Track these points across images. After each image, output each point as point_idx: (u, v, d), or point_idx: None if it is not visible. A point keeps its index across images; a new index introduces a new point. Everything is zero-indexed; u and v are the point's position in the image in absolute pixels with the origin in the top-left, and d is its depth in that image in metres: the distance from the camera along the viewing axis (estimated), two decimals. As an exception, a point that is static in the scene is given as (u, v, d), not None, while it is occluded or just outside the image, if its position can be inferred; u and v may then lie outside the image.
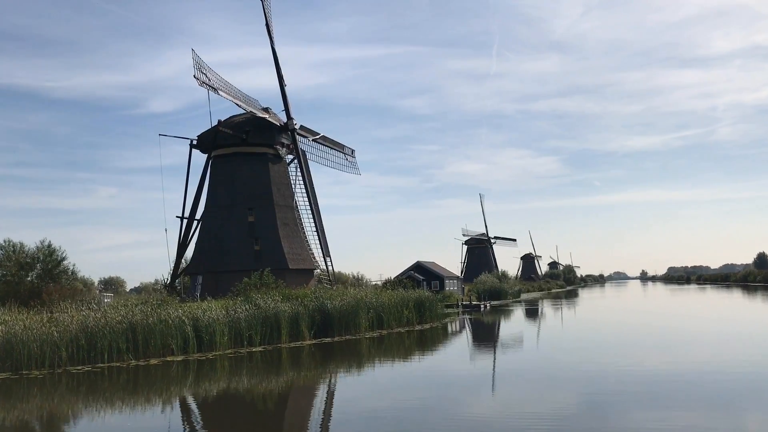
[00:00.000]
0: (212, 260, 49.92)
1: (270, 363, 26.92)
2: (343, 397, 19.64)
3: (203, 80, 43.29)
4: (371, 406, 17.18)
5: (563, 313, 59.25)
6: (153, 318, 28.18)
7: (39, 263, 38.20)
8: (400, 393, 19.09)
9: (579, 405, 16.31)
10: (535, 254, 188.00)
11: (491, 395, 18.69)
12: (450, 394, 18.71)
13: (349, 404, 17.96)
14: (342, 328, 35.35)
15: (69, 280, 37.90)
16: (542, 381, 20.36)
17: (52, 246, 38.68)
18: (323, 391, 21.10)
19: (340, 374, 24.16)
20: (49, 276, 37.64)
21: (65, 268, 38.81)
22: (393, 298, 40.26)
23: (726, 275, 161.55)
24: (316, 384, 22.35)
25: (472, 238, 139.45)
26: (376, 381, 22.28)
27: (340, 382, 22.79)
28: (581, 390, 18.24)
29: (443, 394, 18.58)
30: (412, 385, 20.81)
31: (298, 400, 19.74)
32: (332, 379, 23.27)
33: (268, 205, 51.55)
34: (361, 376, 23.38)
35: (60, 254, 38.42)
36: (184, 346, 28.52)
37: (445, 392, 18.95)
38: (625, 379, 19.62)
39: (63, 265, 38.79)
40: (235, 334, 30.60)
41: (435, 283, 72.07)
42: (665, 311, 57.24)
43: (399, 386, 20.59)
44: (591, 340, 33.40)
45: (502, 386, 20.21)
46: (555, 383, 19.73)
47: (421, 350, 30.74)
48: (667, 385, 18.09)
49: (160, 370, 25.38)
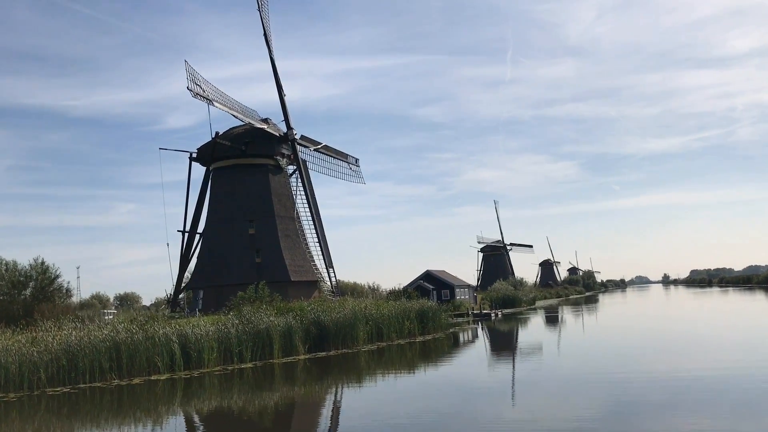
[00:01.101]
0: (213, 274, 49.24)
1: (262, 379, 26.01)
2: (346, 410, 19.00)
3: (197, 91, 42.71)
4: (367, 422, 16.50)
5: (576, 321, 57.58)
6: (138, 335, 27.35)
7: (33, 281, 37.64)
8: (398, 406, 18.52)
9: (598, 413, 15.81)
10: (553, 260, 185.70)
11: (506, 405, 17.57)
12: (454, 406, 17.84)
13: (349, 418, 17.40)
14: (339, 341, 34.26)
15: (63, 298, 37.23)
16: (559, 390, 19.59)
17: (45, 264, 38.20)
18: (321, 407, 20.15)
19: (335, 388, 23.24)
20: (43, 294, 37.03)
21: (59, 286, 38.21)
22: (394, 309, 39.10)
23: (748, 277, 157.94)
24: (313, 399, 21.47)
25: (488, 245, 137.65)
26: (374, 395, 21.51)
27: (336, 396, 21.88)
28: (602, 397, 17.69)
29: (445, 406, 17.92)
30: (412, 396, 20.23)
31: (296, 416, 19.07)
32: (330, 394, 22.33)
33: (269, 216, 50.80)
34: (357, 391, 22.47)
35: (54, 272, 37.91)
36: (170, 364, 27.64)
37: (448, 403, 18.39)
38: (649, 386, 19.11)
39: (57, 283, 38.20)
40: (225, 351, 29.66)
41: (445, 292, 70.74)
42: (685, 316, 55.47)
43: (396, 399, 19.98)
44: (604, 347, 32.09)
45: (504, 397, 19.08)
46: (574, 391, 19.03)
47: (420, 362, 29.53)
48: (691, 391, 17.87)
49: (145, 389, 24.59)
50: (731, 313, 55.84)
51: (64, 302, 36.94)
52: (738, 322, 44.87)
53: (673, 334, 37.30)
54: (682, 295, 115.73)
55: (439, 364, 28.86)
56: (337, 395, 22.17)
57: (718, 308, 65.80)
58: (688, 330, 39.84)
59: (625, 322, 52.64)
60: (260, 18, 52.14)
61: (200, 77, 44.32)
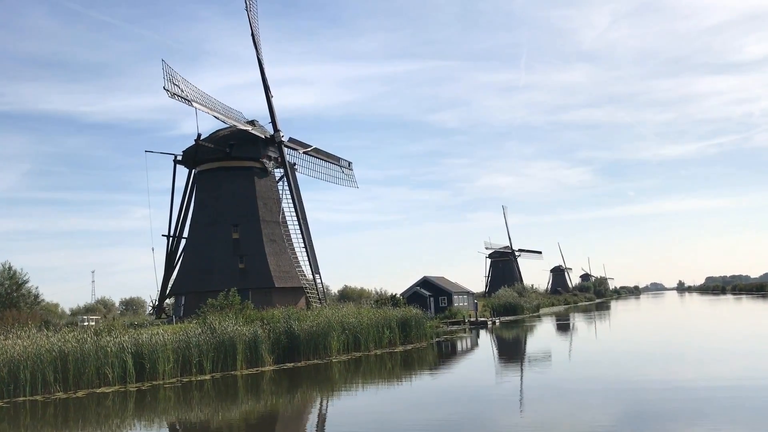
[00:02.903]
0: (196, 280, 47.82)
1: (221, 392, 24.50)
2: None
3: (174, 92, 41.34)
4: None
5: (576, 329, 55.49)
6: (88, 345, 25.94)
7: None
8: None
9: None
10: (564, 266, 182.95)
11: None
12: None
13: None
14: (310, 351, 32.65)
15: (30, 304, 35.97)
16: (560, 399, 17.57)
17: (12, 269, 36.97)
18: (278, 421, 18.54)
19: (291, 402, 21.54)
20: (9, 300, 35.81)
21: (27, 292, 36.96)
22: (373, 317, 37.39)
23: (761, 284, 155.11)
24: (271, 412, 19.83)
25: (496, 251, 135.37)
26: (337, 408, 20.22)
27: (285, 412, 20.21)
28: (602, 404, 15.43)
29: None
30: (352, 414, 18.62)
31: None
32: (287, 407, 20.66)
33: (253, 221, 49.36)
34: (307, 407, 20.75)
35: (21, 277, 36.64)
36: (122, 375, 26.21)
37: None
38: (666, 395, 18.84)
39: (25, 289, 36.96)
40: (184, 361, 28.17)
41: (443, 298, 68.89)
42: (695, 324, 53.33)
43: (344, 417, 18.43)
44: (610, 355, 30.21)
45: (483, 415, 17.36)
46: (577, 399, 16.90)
47: (389, 373, 27.83)
48: (710, 400, 17.64)
49: (93, 402, 23.21)
50: (744, 320, 53.76)
51: (31, 309, 35.60)
52: (752, 329, 43.10)
53: (683, 341, 36.14)
54: (694, 303, 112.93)
55: (406, 376, 27.13)
56: (288, 411, 20.55)
57: (730, 315, 63.51)
58: (698, 338, 38.46)
59: (630, 331, 50.54)
60: (248, 18, 51.02)
61: (179, 77, 43.02)
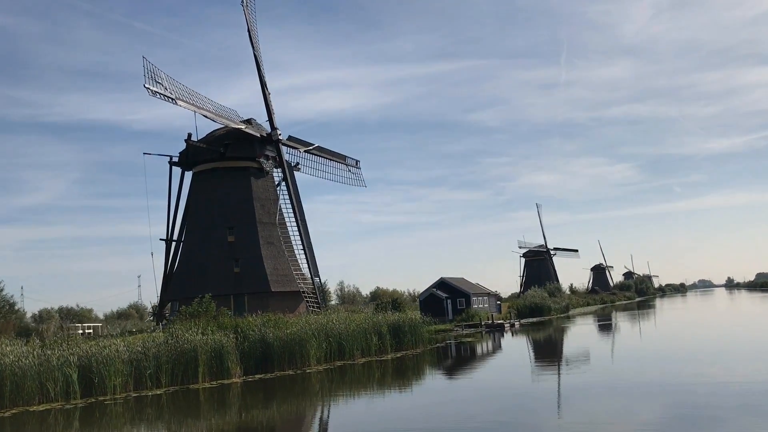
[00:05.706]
0: (190, 285, 46.10)
1: (172, 408, 22.58)
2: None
3: (155, 89, 39.67)
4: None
5: (604, 331, 51.84)
6: (29, 359, 24.17)
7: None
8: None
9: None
10: (605, 264, 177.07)
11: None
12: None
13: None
14: (285, 361, 30.30)
15: (4, 313, 34.66)
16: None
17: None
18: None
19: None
20: (-19, 309, 34.66)
21: (2, 302, 35.67)
22: (361, 323, 34.85)
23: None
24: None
25: (530, 250, 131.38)
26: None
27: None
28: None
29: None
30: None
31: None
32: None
33: (249, 223, 47.50)
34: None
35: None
36: (66, 390, 24.36)
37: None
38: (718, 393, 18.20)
39: (1, 298, 35.69)
40: (138, 374, 26.17)
41: (461, 300, 65.84)
42: (740, 323, 49.24)
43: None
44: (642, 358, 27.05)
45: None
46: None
47: (356, 385, 25.28)
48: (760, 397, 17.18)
49: (35, 419, 21.50)
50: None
51: (5, 318, 34.27)
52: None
53: (729, 340, 34.30)
54: (743, 300, 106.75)
55: (373, 389, 24.52)
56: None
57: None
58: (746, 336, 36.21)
59: (674, 329, 46.83)
60: (244, 14, 49.30)
61: (162, 74, 41.35)
